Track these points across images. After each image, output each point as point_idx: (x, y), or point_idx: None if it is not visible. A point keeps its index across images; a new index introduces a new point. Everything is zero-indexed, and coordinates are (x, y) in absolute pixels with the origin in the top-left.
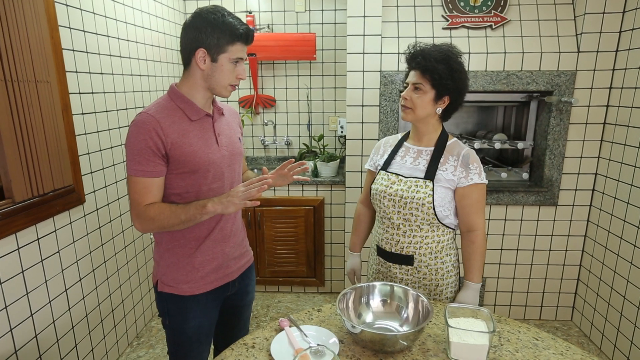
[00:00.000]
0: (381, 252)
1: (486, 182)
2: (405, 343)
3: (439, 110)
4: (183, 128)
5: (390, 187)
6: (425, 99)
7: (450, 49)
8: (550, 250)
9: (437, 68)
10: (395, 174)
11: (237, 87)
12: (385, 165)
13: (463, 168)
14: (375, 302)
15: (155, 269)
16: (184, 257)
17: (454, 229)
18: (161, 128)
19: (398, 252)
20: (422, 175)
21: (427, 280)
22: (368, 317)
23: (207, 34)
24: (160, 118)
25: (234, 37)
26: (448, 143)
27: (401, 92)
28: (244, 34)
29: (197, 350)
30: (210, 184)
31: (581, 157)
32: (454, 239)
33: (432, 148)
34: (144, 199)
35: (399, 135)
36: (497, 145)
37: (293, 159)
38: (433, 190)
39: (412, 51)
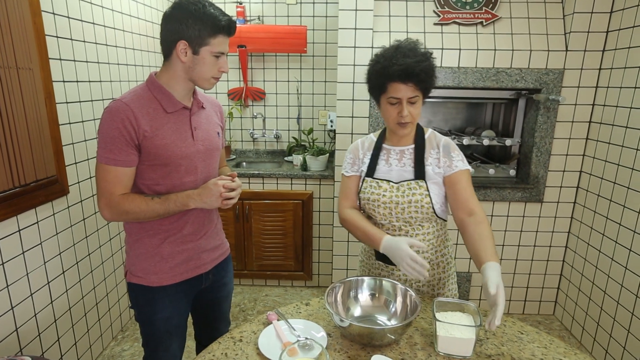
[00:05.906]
0: (381, 257)
1: (470, 168)
2: (393, 337)
3: None
4: (157, 120)
5: (383, 195)
6: (419, 107)
7: (426, 51)
8: (534, 246)
9: (429, 79)
10: (386, 180)
11: (219, 79)
12: (370, 172)
13: (446, 158)
14: (364, 296)
15: (126, 260)
16: (152, 248)
17: (445, 220)
18: (135, 118)
19: None
20: (412, 176)
21: (430, 276)
22: (356, 311)
23: (188, 25)
24: (135, 107)
25: (216, 29)
26: (426, 137)
27: (392, 104)
28: (226, 25)
29: (168, 342)
30: (183, 177)
31: (567, 155)
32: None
33: (413, 145)
34: (115, 189)
35: (372, 136)
36: (486, 142)
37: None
38: (428, 190)
39: (400, 66)
